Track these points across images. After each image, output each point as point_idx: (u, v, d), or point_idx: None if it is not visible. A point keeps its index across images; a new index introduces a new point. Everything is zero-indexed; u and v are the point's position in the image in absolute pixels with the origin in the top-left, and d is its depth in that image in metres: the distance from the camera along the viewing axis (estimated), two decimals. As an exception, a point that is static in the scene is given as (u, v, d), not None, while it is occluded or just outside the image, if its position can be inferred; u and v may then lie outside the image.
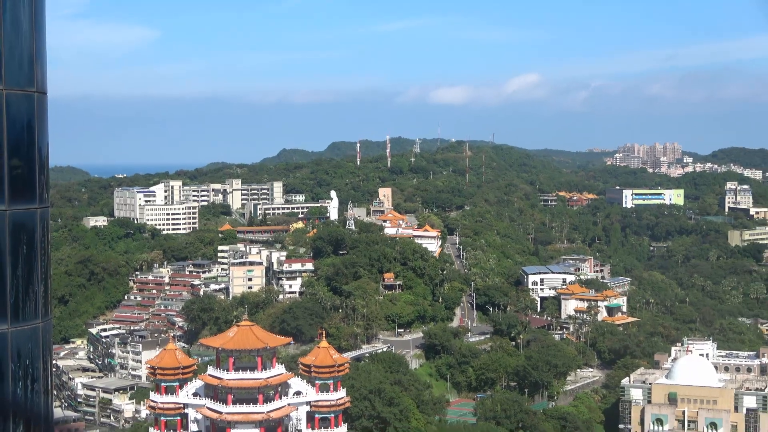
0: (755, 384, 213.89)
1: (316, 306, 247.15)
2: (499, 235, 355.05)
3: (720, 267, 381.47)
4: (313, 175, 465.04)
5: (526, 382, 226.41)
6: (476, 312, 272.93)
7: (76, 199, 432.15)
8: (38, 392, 34.96)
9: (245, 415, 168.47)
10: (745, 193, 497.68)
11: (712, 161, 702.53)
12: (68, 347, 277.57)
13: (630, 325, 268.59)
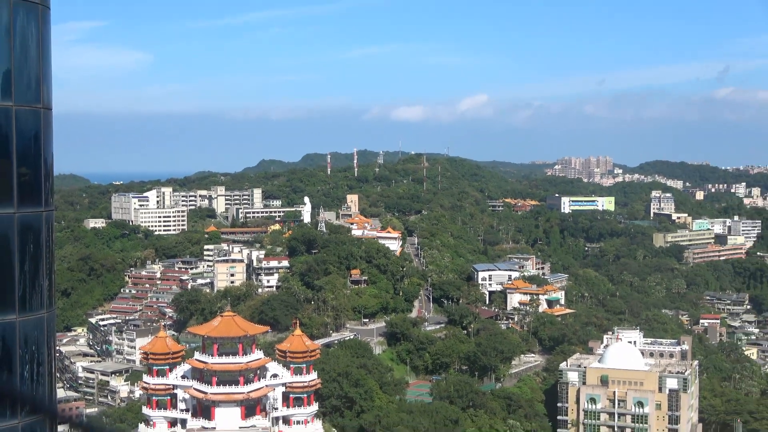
0: (676, 368, 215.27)
1: (290, 298, 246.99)
2: (453, 236, 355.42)
3: (646, 265, 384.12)
4: (289, 183, 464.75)
5: (476, 365, 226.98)
6: (432, 304, 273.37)
7: (77, 204, 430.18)
8: (43, 374, 34.99)
9: (228, 395, 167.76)
10: (668, 201, 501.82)
11: (639, 172, 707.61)
12: (70, 335, 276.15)
13: (567, 315, 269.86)
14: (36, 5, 33.85)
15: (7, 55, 33.18)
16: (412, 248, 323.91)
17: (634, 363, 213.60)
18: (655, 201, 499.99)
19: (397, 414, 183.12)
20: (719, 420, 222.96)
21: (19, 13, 33.15)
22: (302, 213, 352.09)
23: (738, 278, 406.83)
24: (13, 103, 33.02)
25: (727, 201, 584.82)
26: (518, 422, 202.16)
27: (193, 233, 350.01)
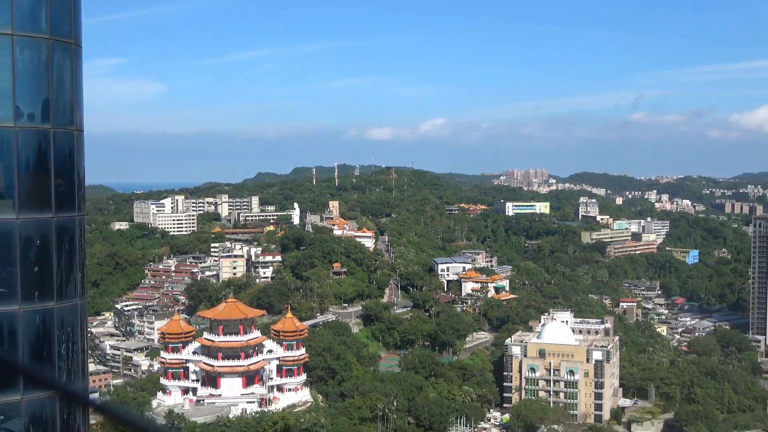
0: (601, 342, 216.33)
1: (283, 287, 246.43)
2: (417, 235, 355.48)
3: (575, 258, 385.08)
4: (281, 191, 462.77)
5: (437, 342, 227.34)
6: (400, 291, 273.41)
7: (105, 209, 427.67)
8: (77, 352, 35.53)
9: (231, 368, 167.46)
10: (593, 205, 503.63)
11: (569, 182, 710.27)
12: (99, 318, 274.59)
13: (511, 300, 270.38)
14: (70, 45, 34.09)
15: (46, 86, 33.59)
16: (383, 245, 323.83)
17: (566, 339, 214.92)
18: (582, 205, 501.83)
19: (372, 382, 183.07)
20: (636, 385, 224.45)
21: (56, 52, 33.37)
22: (292, 216, 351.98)
23: (650, 269, 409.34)
24: (51, 126, 33.22)
25: (642, 205, 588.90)
26: (471, 388, 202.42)
27: (201, 233, 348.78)
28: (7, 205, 32.63)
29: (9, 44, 31.82)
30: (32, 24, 32.81)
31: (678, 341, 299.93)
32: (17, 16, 32.07)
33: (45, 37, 32.84)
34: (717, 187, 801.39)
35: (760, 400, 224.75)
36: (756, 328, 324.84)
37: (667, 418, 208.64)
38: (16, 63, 32.22)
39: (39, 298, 33.04)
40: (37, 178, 33.75)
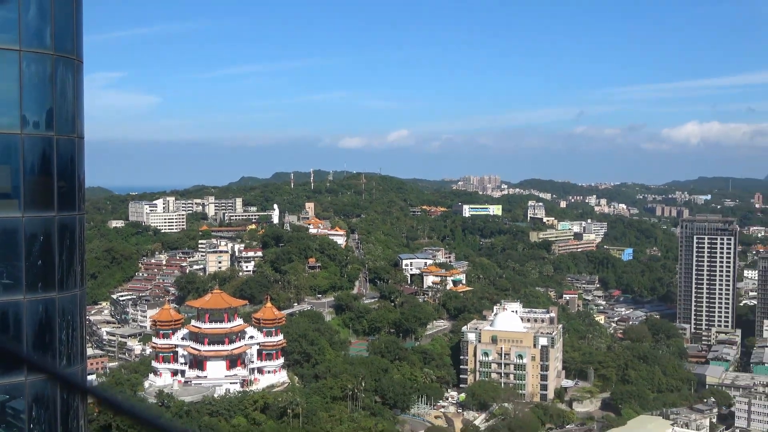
0: (546, 330, 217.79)
1: (263, 280, 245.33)
2: (384, 234, 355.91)
3: (524, 255, 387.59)
4: (263, 194, 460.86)
5: (401, 329, 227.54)
6: (368, 284, 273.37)
7: (103, 209, 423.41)
8: (76, 337, 35.61)
9: (216, 352, 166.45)
10: (540, 208, 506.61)
11: (519, 187, 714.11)
12: (97, 307, 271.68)
13: (467, 292, 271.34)
14: (72, 60, 34.13)
15: (50, 97, 33.63)
16: (353, 242, 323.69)
17: (516, 326, 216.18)
18: (530, 208, 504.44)
19: (342, 365, 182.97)
20: (577, 368, 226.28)
21: (59, 66, 33.43)
22: (272, 216, 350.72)
23: (590, 264, 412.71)
24: (54, 133, 33.19)
25: (583, 208, 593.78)
26: (431, 370, 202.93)
27: (190, 231, 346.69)
28: (13, 205, 32.59)
29: (17, 59, 31.77)
30: (38, 41, 32.78)
31: (614, 329, 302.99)
32: (24, 34, 32.04)
33: (49, 52, 32.83)
34: (649, 193, 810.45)
35: (685, 381, 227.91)
36: (682, 318, 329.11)
37: (604, 397, 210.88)
38: (23, 76, 32.17)
39: (42, 289, 32.96)
40: (41, 180, 33.61)
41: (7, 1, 31.51)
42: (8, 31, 31.74)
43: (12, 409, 33.22)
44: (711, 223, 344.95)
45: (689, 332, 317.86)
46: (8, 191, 33.40)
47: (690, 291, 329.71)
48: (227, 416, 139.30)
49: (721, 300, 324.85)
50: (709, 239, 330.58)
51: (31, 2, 32.63)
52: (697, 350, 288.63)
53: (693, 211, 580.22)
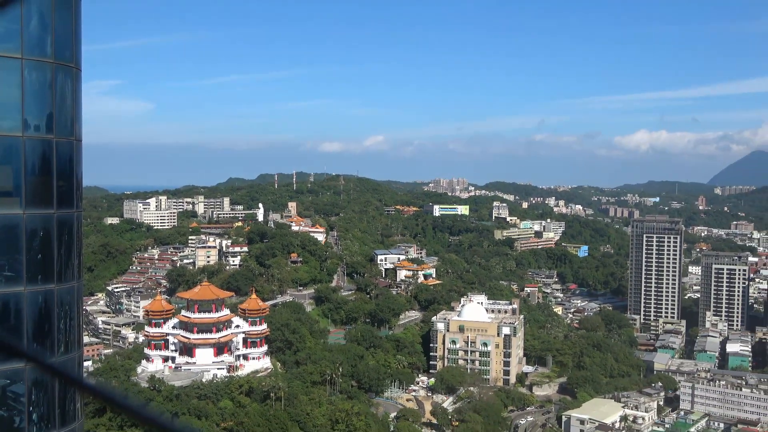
0: (509, 320, 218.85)
1: (249, 273, 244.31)
2: (360, 231, 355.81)
3: (489, 251, 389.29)
4: (248, 193, 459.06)
5: (376, 319, 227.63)
6: (346, 277, 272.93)
7: (99, 207, 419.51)
8: (73, 326, 35.38)
9: (204, 340, 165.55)
10: (504, 208, 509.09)
11: (485, 189, 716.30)
12: (93, 298, 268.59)
13: (437, 285, 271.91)
14: (71, 68, 33.96)
15: (50, 102, 33.45)
16: (332, 239, 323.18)
17: (481, 317, 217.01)
18: (495, 208, 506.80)
19: (321, 352, 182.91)
20: (537, 354, 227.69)
21: (59, 74, 33.23)
22: (257, 215, 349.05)
23: (549, 260, 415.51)
24: (54, 136, 32.93)
25: (543, 209, 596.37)
26: (404, 357, 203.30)
27: (181, 228, 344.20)
28: (15, 202, 32.44)
29: (19, 66, 31.60)
30: (39, 50, 32.54)
31: (570, 319, 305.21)
32: (26, 43, 31.87)
33: (50, 61, 32.60)
34: (603, 195, 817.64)
35: (635, 367, 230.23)
36: (633, 309, 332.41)
37: (561, 381, 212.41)
38: (25, 82, 31.99)
39: (42, 281, 32.77)
40: (41, 179, 33.35)
41: (7, 9, 31.24)
42: (11, 41, 31.57)
43: (12, 393, 33.11)
44: (659, 223, 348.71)
45: (639, 323, 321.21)
46: (10, 190, 33.16)
47: (640, 285, 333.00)
48: (214, 399, 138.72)
49: (667, 293, 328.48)
50: (657, 238, 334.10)
51: (33, 14, 32.48)
52: (646, 339, 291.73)
53: (643, 212, 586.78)
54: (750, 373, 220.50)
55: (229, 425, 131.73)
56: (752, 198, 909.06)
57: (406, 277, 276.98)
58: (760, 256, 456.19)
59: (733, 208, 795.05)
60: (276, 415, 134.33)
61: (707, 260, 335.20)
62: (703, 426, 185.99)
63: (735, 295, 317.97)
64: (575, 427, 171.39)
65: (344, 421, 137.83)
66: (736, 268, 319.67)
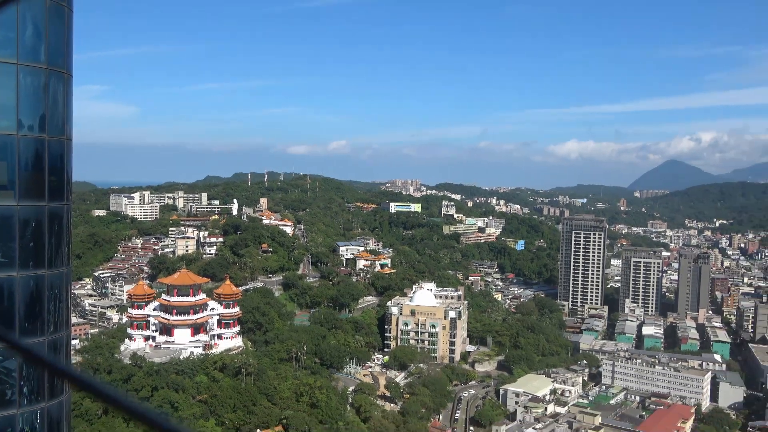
0: (455, 305, 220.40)
1: (223, 261, 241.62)
2: (324, 225, 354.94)
3: (438, 244, 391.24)
4: (224, 190, 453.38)
5: (337, 303, 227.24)
6: (311, 265, 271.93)
7: (87, 200, 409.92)
8: (62, 308, 35.05)
9: (182, 321, 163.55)
10: (452, 207, 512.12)
11: (436, 189, 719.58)
12: (81, 283, 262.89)
13: (392, 273, 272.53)
14: (63, 74, 33.54)
15: (42, 104, 33.15)
16: (299, 232, 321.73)
17: (431, 302, 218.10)
18: (444, 207, 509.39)
19: (288, 332, 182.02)
20: (478, 335, 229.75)
21: (51, 78, 32.84)
22: (232, 209, 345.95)
23: (491, 253, 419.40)
24: (46, 135, 32.48)
25: (486, 208, 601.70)
26: (362, 337, 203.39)
27: (162, 220, 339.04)
28: (9, 195, 32.01)
29: (14, 71, 31.25)
30: (33, 56, 32.07)
31: (508, 305, 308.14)
32: (21, 50, 31.51)
33: (43, 66, 32.16)
34: (538, 196, 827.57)
35: (564, 347, 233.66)
36: (562, 296, 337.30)
37: (500, 359, 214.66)
38: (20, 86, 31.59)
39: (33, 267, 32.37)
40: (34, 175, 32.85)
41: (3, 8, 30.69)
42: (7, 48, 31.22)
43: (4, 369, 32.64)
44: (586, 221, 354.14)
45: (567, 308, 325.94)
46: (5, 184, 32.80)
47: (568, 275, 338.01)
48: (191, 374, 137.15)
49: (592, 283, 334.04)
50: (584, 234, 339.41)
51: (27, 23, 31.98)
52: (573, 322, 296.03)
53: (572, 211, 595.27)
54: (662, 353, 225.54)
55: (204, 397, 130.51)
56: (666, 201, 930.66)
57: (365, 266, 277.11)
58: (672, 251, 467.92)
59: (650, 210, 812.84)
60: (246, 388, 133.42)
61: (627, 254, 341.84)
62: (621, 399, 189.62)
63: (650, 285, 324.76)
64: (511, 399, 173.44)
65: (308, 393, 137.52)
66: (651, 261, 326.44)
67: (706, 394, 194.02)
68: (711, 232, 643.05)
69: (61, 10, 32.77)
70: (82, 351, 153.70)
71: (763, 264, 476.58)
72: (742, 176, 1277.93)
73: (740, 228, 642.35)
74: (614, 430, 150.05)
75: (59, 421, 33.94)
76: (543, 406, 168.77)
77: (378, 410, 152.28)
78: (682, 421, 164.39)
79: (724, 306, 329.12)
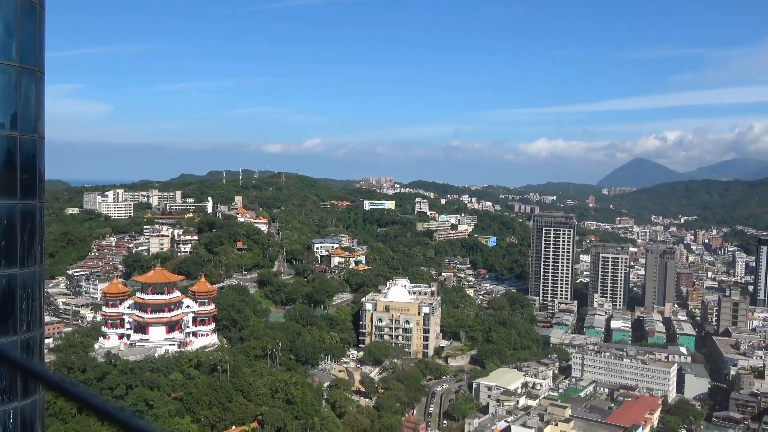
0: (428, 300, 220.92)
1: (198, 259, 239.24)
2: (299, 222, 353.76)
3: (412, 241, 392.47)
4: (199, 188, 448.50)
5: (312, 299, 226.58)
6: (286, 263, 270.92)
7: (60, 198, 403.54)
8: (35, 307, 34.30)
9: (157, 319, 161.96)
10: (425, 204, 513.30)
11: (409, 187, 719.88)
12: (54, 281, 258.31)
13: (366, 270, 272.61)
14: (35, 71, 32.99)
15: (14, 102, 32.45)
16: (274, 229, 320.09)
17: (404, 298, 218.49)
18: (417, 204, 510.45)
19: (264, 329, 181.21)
20: (452, 330, 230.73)
21: (23, 76, 32.26)
22: (207, 207, 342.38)
23: (463, 249, 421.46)
24: (18, 133, 31.94)
25: (458, 205, 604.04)
26: (336, 333, 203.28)
27: (137, 218, 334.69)
28: None
29: None
30: (5, 54, 31.38)
31: (481, 300, 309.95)
32: None
33: (15, 64, 31.47)
34: (509, 194, 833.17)
35: (535, 341, 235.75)
36: (533, 291, 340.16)
37: (472, 354, 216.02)
38: None
39: (6, 265, 31.61)
40: (7, 173, 32.16)
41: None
42: (-22, 45, 30.40)
43: (-24, 368, 31.90)
44: (556, 218, 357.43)
45: (538, 303, 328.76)
46: (-24, 182, 31.91)
47: (539, 271, 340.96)
48: (166, 372, 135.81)
49: (562, 278, 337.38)
50: (554, 231, 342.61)
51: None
52: (544, 317, 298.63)
53: (542, 208, 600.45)
54: (630, 346, 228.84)
55: (179, 395, 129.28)
56: (633, 198, 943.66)
57: (339, 263, 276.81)
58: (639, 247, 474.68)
59: (618, 206, 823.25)
60: (222, 385, 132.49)
61: (595, 250, 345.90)
62: (590, 391, 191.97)
63: (618, 280, 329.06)
64: (484, 393, 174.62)
65: (283, 390, 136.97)
66: (619, 257, 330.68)
67: (672, 385, 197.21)
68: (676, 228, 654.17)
69: (32, 8, 32.22)
70: (55, 350, 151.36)
71: (726, 259, 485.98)
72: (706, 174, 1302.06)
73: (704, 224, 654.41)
74: (584, 422, 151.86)
75: (32, 421, 33.42)
76: (515, 400, 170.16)
77: (353, 405, 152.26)
78: (649, 412, 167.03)
79: (689, 300, 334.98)
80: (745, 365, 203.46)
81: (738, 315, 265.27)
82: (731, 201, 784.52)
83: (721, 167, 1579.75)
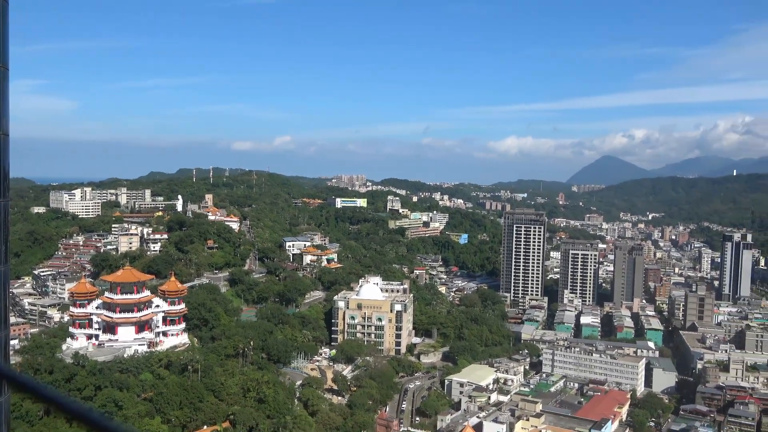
0: (400, 298, 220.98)
1: (168, 258, 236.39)
2: (271, 220, 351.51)
3: (384, 239, 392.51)
4: (169, 186, 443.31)
5: (284, 298, 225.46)
6: (258, 261, 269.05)
7: (26, 197, 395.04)
8: (1, 308, 32.97)
9: (126, 319, 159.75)
10: (397, 202, 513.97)
11: (381, 185, 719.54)
12: (20, 282, 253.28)
13: (339, 268, 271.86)
14: None
15: None
16: (245, 227, 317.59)
17: (377, 295, 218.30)
18: (389, 202, 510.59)
19: (235, 328, 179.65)
20: (424, 327, 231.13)
21: None
22: (177, 205, 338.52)
23: (435, 246, 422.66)
24: (-19, 130, 30.73)
25: (430, 202, 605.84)
26: (308, 332, 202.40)
27: (105, 217, 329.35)
28: None
29: None
30: (-34, 48, 30.30)
31: (453, 297, 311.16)
32: None
33: (-23, 59, 30.39)
34: (480, 191, 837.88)
35: (506, 337, 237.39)
36: (504, 288, 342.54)
37: (445, 350, 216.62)
38: None
39: (-32, 265, 30.60)
40: (-31, 170, 31.16)
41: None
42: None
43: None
44: (526, 215, 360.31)
45: (509, 299, 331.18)
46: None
47: (510, 267, 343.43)
48: (135, 372, 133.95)
49: (533, 274, 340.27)
50: (525, 228, 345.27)
51: (-41, 14, 30.26)
52: (515, 313, 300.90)
53: (513, 205, 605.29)
54: (599, 341, 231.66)
55: (149, 395, 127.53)
56: (602, 195, 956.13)
57: (311, 261, 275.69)
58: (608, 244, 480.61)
59: (587, 203, 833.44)
60: (193, 385, 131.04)
61: (565, 247, 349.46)
62: (561, 386, 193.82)
63: (587, 276, 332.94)
64: (456, 389, 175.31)
65: (255, 389, 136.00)
66: (588, 253, 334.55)
67: (640, 379, 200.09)
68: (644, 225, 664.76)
69: (-6, 1, 31.25)
70: (21, 351, 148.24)
71: (692, 255, 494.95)
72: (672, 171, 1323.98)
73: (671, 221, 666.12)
74: (554, 417, 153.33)
75: (-3, 424, 32.57)
76: (486, 395, 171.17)
77: (325, 403, 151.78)
78: (618, 406, 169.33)
79: (656, 295, 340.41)
80: (711, 359, 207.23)
81: (704, 310, 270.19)
82: (696, 198, 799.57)
83: (687, 165, 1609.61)
